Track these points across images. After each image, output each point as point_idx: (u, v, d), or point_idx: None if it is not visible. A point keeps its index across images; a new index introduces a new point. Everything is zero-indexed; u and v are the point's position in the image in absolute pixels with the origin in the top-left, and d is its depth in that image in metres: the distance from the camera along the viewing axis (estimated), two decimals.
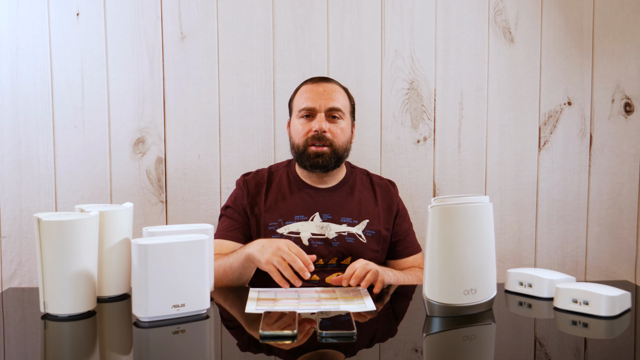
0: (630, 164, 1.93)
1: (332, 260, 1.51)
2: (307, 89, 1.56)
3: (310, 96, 1.54)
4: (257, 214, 1.54)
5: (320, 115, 1.52)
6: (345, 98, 1.58)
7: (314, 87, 1.55)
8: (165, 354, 0.97)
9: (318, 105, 1.52)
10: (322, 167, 1.53)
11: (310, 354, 0.95)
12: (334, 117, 1.54)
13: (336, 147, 1.53)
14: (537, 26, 1.89)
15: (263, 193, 1.56)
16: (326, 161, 1.52)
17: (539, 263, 1.94)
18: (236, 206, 1.58)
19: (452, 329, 1.07)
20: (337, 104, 1.53)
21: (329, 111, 1.53)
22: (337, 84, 1.59)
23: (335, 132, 1.53)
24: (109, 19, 1.82)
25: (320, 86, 1.55)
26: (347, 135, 1.56)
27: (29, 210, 1.84)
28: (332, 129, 1.53)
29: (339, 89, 1.58)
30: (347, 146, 1.57)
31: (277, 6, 1.84)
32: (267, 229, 1.52)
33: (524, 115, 1.91)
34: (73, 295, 1.11)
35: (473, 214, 1.12)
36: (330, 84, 1.57)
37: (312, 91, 1.54)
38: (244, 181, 1.60)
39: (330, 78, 1.62)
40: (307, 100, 1.53)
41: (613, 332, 1.07)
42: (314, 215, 1.53)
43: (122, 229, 1.24)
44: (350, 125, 1.59)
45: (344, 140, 1.55)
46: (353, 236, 1.52)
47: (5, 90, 1.82)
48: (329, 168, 1.54)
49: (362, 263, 1.32)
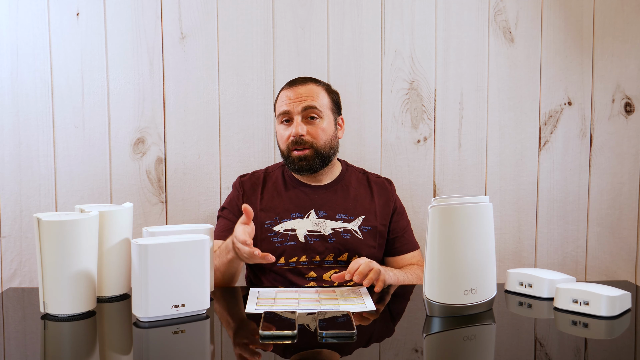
0: (631, 164, 1.93)
1: (328, 256, 1.51)
2: (283, 93, 1.57)
3: (285, 100, 1.55)
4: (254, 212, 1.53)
5: (297, 119, 1.52)
6: (323, 96, 1.56)
7: (289, 92, 1.56)
8: (165, 354, 0.97)
9: (292, 108, 1.53)
10: (308, 170, 1.54)
11: (310, 354, 0.95)
12: (312, 118, 1.53)
13: (318, 147, 1.53)
14: (537, 26, 1.89)
15: (259, 192, 1.58)
16: (310, 164, 1.53)
17: (539, 263, 1.94)
18: (232, 207, 1.59)
19: (452, 329, 1.07)
20: (313, 103, 1.53)
21: (305, 112, 1.52)
22: (313, 83, 1.57)
23: (314, 132, 1.53)
24: (109, 19, 1.82)
25: (295, 89, 1.55)
26: (329, 133, 1.55)
27: (29, 210, 1.84)
28: (311, 130, 1.52)
29: (315, 88, 1.56)
30: (332, 144, 1.57)
31: (277, 6, 1.84)
32: (264, 227, 1.52)
33: (524, 115, 1.90)
34: (73, 296, 1.11)
35: (473, 214, 1.12)
36: (305, 85, 1.56)
37: (288, 95, 1.55)
38: (239, 182, 1.62)
39: (308, 78, 1.60)
40: (283, 105, 1.55)
41: (613, 332, 1.07)
42: (310, 213, 1.54)
43: (122, 229, 1.24)
44: (332, 122, 1.58)
45: (325, 139, 1.54)
46: (349, 232, 1.53)
47: (5, 90, 1.82)
48: (315, 169, 1.54)
49: (366, 260, 1.32)
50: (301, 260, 1.50)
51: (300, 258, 1.50)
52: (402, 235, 1.62)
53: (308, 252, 1.50)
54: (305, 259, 1.50)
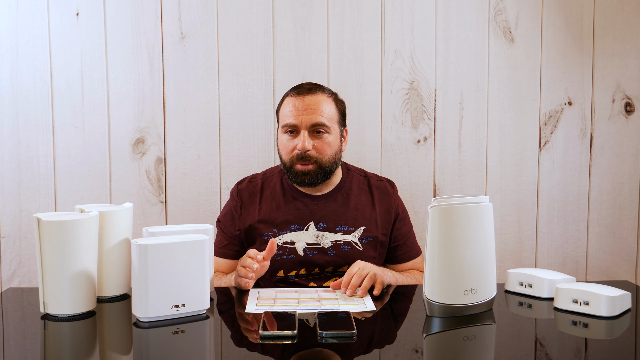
0: (631, 164, 1.93)
1: (328, 268, 1.49)
2: (290, 102, 1.49)
3: (292, 111, 1.47)
4: (252, 224, 1.52)
5: (304, 133, 1.45)
6: (331, 108, 1.50)
7: (297, 101, 1.47)
8: (165, 354, 0.97)
9: (300, 122, 1.46)
10: (310, 184, 1.50)
11: (310, 354, 0.95)
12: (318, 132, 1.47)
13: (322, 162, 1.48)
14: (537, 26, 1.89)
15: (257, 203, 1.54)
16: (312, 178, 1.48)
17: (539, 263, 1.94)
18: (226, 220, 1.57)
19: (452, 329, 1.07)
20: (321, 119, 1.46)
21: (313, 127, 1.46)
22: (322, 93, 1.50)
23: (320, 147, 1.47)
24: (109, 19, 1.82)
25: (303, 99, 1.47)
26: (334, 147, 1.50)
27: (29, 210, 1.84)
28: (317, 145, 1.47)
29: (324, 99, 1.49)
30: (336, 158, 1.51)
31: (277, 6, 1.84)
32: (262, 238, 1.50)
33: (524, 115, 1.90)
34: (73, 296, 1.11)
35: (473, 214, 1.12)
36: (314, 95, 1.48)
37: (295, 106, 1.47)
38: (237, 191, 1.57)
39: (316, 86, 1.52)
40: (290, 116, 1.47)
41: (613, 332, 1.07)
42: (309, 225, 1.50)
43: (122, 229, 1.24)
44: (338, 135, 1.52)
45: (331, 154, 1.49)
46: (349, 244, 1.50)
47: (5, 90, 1.81)
48: (317, 183, 1.50)
49: (358, 268, 1.30)
50: (300, 273, 1.49)
51: (300, 271, 1.49)
52: (404, 243, 1.59)
53: (307, 266, 1.48)
54: (305, 272, 1.49)
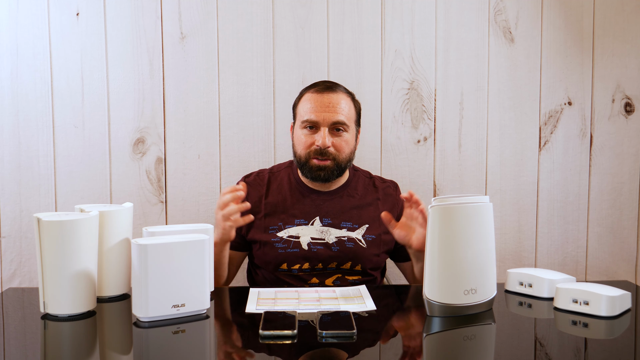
0: (631, 164, 1.93)
1: (331, 264, 1.50)
2: (311, 99, 1.50)
3: (314, 108, 1.48)
4: (258, 216, 1.53)
5: (324, 130, 1.47)
6: (350, 107, 1.52)
7: (318, 98, 1.49)
8: (165, 354, 0.97)
9: (322, 119, 1.47)
10: (325, 180, 1.51)
11: (310, 354, 0.95)
12: (338, 130, 1.49)
13: (339, 160, 1.50)
14: (537, 26, 1.89)
15: (263, 196, 1.55)
16: (328, 174, 1.50)
17: (539, 263, 1.94)
18: None
19: (452, 329, 1.07)
20: (342, 117, 1.48)
21: (333, 125, 1.48)
22: (343, 92, 1.53)
23: (339, 145, 1.49)
24: (109, 19, 1.82)
25: (325, 97, 1.49)
26: (351, 146, 1.52)
27: (29, 210, 1.84)
28: (336, 142, 1.49)
29: (345, 98, 1.51)
30: (351, 156, 1.54)
31: (277, 6, 1.84)
32: (268, 232, 1.51)
33: (524, 115, 1.90)
34: (73, 295, 1.11)
35: (473, 214, 1.12)
36: (335, 93, 1.50)
37: (317, 102, 1.49)
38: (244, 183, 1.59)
39: (335, 85, 1.54)
40: (311, 113, 1.48)
41: (613, 332, 1.07)
42: (314, 220, 1.52)
43: (122, 229, 1.24)
44: (354, 135, 1.55)
45: (348, 152, 1.51)
46: (353, 241, 1.51)
47: (5, 90, 1.81)
48: (331, 179, 1.52)
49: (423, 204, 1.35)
50: (303, 267, 1.49)
51: (303, 265, 1.49)
52: None
53: (311, 260, 1.49)
54: (308, 266, 1.49)
